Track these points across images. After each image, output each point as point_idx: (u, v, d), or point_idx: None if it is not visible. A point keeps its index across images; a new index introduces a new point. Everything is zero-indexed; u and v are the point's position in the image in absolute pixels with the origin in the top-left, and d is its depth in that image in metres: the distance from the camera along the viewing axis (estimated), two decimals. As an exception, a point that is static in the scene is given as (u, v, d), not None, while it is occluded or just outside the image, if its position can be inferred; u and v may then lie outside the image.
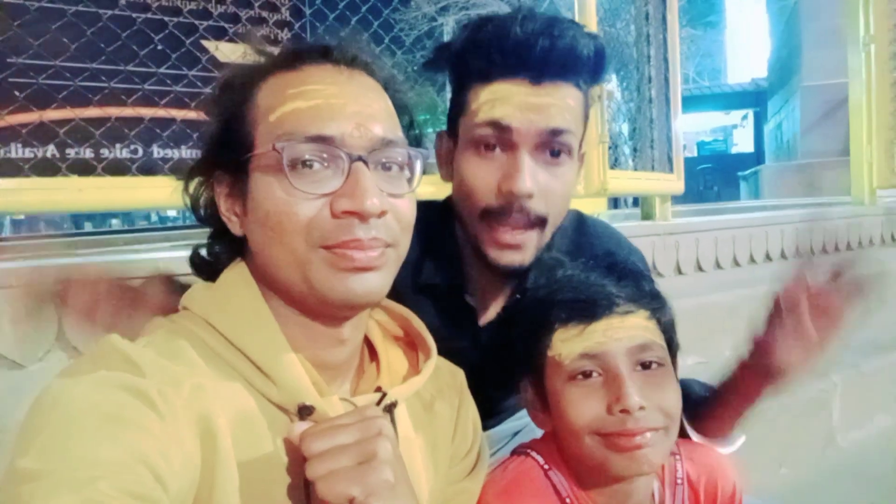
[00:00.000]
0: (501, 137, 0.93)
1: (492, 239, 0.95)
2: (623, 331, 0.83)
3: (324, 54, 0.72)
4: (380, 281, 0.69)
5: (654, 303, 0.87)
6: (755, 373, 0.91)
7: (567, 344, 0.84)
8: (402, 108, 0.76)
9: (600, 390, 0.82)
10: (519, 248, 0.95)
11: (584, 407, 0.82)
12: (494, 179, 0.94)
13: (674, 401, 0.84)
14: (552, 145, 0.94)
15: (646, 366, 0.83)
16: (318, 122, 0.67)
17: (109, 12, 1.99)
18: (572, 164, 0.97)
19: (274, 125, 0.68)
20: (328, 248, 0.66)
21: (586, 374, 0.83)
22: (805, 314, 0.86)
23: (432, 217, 1.03)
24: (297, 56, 0.72)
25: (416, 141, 0.78)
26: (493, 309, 1.06)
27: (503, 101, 0.92)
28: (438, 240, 1.04)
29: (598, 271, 0.88)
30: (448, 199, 1.07)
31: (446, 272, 1.03)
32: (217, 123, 0.73)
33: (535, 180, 0.93)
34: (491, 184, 0.94)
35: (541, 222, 0.96)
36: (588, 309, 0.84)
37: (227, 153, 0.71)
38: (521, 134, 0.92)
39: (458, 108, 0.98)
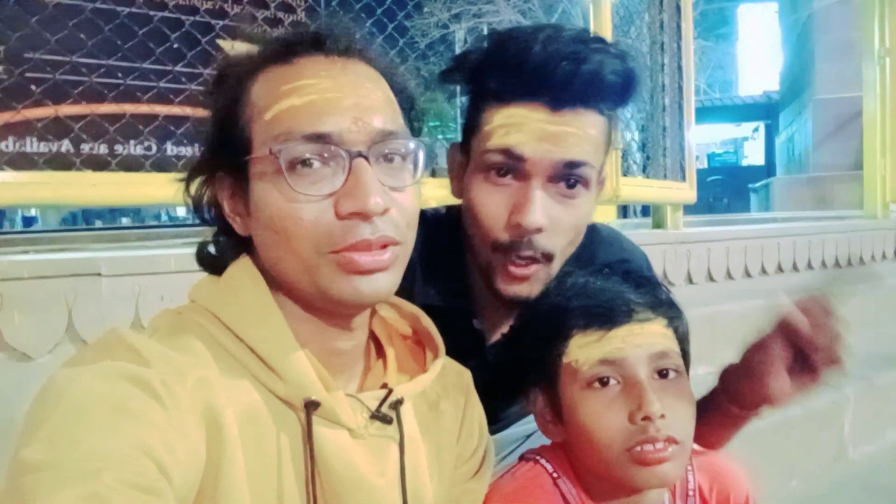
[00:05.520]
0: (514, 166, 0.87)
1: (503, 270, 0.91)
2: (643, 337, 0.81)
3: (315, 45, 0.69)
4: (388, 280, 0.68)
5: (671, 311, 0.85)
6: (741, 398, 0.87)
7: (585, 350, 0.81)
8: (402, 93, 0.74)
9: (620, 399, 0.80)
10: (527, 280, 0.91)
11: (605, 419, 0.80)
12: (504, 210, 0.89)
13: (690, 412, 0.82)
14: (568, 177, 0.88)
15: (663, 374, 0.81)
16: (314, 119, 0.65)
17: (127, 10, 2.01)
18: (588, 195, 0.91)
19: (269, 125, 0.66)
20: (336, 252, 0.65)
21: (604, 382, 0.80)
22: (812, 345, 0.80)
23: (437, 232, 0.98)
24: (289, 48, 0.69)
25: (419, 122, 0.76)
26: (501, 330, 1.00)
27: (518, 127, 0.86)
28: (445, 259, 0.98)
29: (614, 278, 0.86)
30: (453, 210, 1.02)
31: (454, 295, 0.98)
32: (213, 123, 0.71)
33: (546, 214, 0.87)
34: (500, 215, 0.89)
35: (547, 258, 0.91)
36: (608, 315, 0.81)
37: (225, 155, 0.69)
38: (534, 164, 0.86)
39: (471, 125, 0.93)
